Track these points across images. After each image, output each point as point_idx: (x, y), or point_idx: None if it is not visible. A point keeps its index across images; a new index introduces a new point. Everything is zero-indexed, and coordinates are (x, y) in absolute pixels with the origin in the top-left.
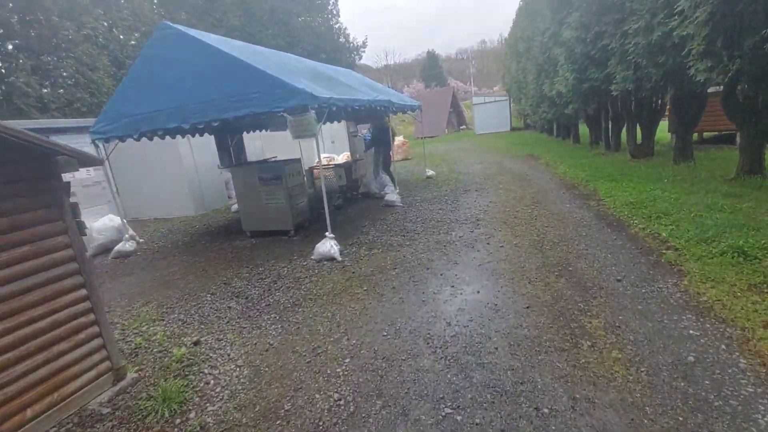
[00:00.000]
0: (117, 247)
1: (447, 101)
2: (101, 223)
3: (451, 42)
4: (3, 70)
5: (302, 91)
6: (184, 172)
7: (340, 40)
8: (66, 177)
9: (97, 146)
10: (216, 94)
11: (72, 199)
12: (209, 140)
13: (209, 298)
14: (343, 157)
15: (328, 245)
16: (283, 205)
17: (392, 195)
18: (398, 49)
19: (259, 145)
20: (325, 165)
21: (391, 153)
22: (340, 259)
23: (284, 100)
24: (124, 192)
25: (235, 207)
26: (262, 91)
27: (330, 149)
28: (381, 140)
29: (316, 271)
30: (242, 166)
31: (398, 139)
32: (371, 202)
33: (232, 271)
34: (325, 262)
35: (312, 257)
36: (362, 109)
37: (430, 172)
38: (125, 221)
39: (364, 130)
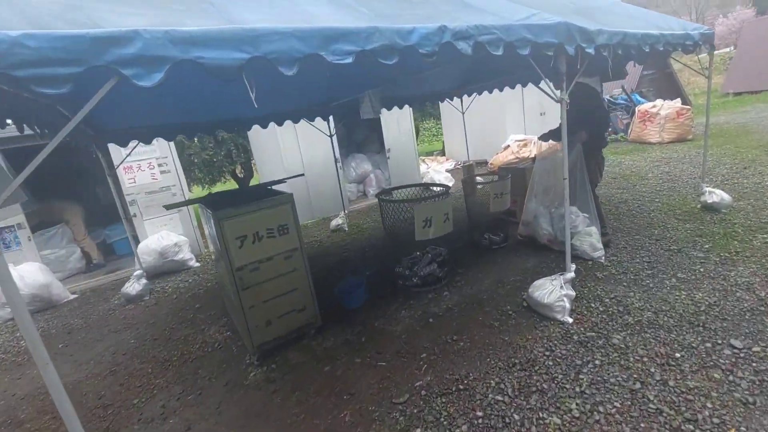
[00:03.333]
0: (123, 288)
1: None
2: (145, 244)
3: None
4: None
5: None
6: (284, 170)
7: None
8: (125, 182)
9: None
10: None
11: (131, 210)
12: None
13: None
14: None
15: None
16: (236, 301)
17: (552, 295)
18: None
19: (407, 124)
20: (483, 175)
21: (598, 161)
22: None
23: None
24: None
25: (335, 222)
26: None
27: (535, 126)
28: (586, 124)
29: None
30: (206, 201)
31: (664, 106)
32: (510, 270)
33: None
34: None
35: None
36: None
37: (715, 197)
38: (186, 239)
39: (617, 89)
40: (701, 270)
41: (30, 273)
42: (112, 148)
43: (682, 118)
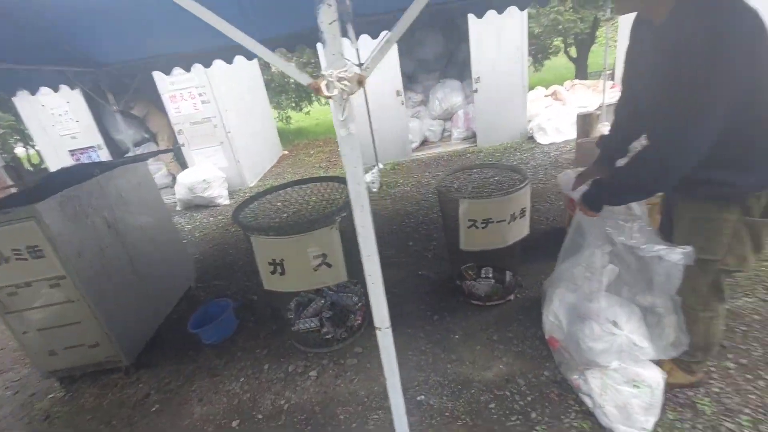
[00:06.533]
0: None
1: None
2: (181, 176)
3: None
4: None
5: None
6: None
7: None
8: (171, 111)
9: None
10: None
11: (179, 139)
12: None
13: None
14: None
15: None
16: (4, 323)
17: None
18: None
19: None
20: None
21: (722, 217)
22: None
23: None
24: None
25: (369, 177)
26: None
27: None
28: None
29: None
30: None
31: None
32: (451, 366)
33: None
34: None
35: None
36: None
37: None
38: (221, 174)
39: None
40: None
41: None
42: (157, 76)
43: None
